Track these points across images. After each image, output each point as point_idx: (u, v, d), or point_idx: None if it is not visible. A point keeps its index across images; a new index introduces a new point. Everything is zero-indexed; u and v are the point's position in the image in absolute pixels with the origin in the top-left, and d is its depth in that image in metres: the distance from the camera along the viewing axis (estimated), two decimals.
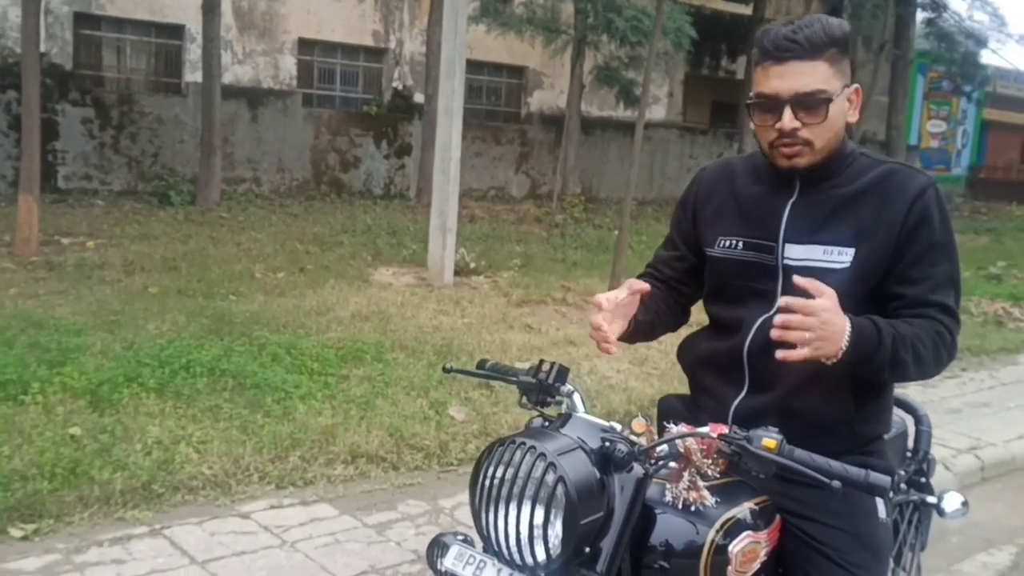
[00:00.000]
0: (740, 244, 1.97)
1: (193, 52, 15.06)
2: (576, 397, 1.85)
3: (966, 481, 4.89)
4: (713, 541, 1.64)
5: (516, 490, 1.54)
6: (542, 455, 1.53)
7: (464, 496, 4.04)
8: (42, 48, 12.45)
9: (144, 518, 3.60)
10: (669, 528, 1.66)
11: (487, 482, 1.58)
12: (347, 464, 4.25)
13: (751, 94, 1.88)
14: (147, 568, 3.24)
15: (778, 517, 1.81)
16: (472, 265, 9.51)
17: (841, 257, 1.86)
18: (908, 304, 1.85)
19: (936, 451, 5.00)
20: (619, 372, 6.04)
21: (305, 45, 16.78)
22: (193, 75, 14.99)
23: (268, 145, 16.17)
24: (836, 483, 1.49)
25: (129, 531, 3.49)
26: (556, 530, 1.52)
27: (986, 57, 25.13)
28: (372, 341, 6.09)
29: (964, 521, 2.43)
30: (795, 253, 1.90)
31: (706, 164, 2.19)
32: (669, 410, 2.12)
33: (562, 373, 1.85)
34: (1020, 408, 6.14)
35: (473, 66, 15.30)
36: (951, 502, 2.34)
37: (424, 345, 6.16)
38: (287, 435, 4.36)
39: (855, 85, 1.91)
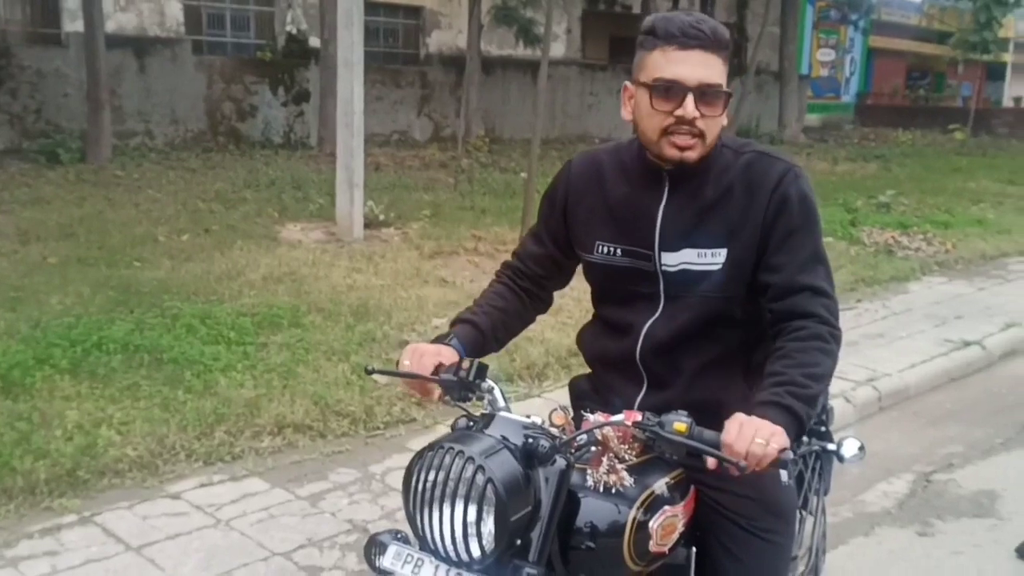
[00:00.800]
0: (618, 251, 2.00)
1: (72, 0, 14.32)
2: (496, 392, 1.91)
3: (865, 412, 5.22)
4: (635, 519, 1.74)
5: (448, 491, 1.61)
6: (470, 459, 1.60)
7: (393, 461, 4.14)
8: None
9: (72, 506, 3.57)
10: (592, 511, 1.76)
11: (419, 486, 1.64)
12: (274, 435, 4.26)
13: (647, 78, 1.84)
14: (81, 558, 3.24)
15: (692, 488, 1.93)
16: (381, 217, 9.46)
17: (715, 259, 1.91)
18: (777, 293, 1.88)
19: (836, 384, 5.29)
20: (537, 323, 6.12)
21: None
22: (73, 24, 14.28)
23: (159, 96, 15.60)
24: (743, 463, 1.59)
25: (58, 521, 3.47)
26: (488, 527, 1.60)
27: None
28: (287, 305, 6.06)
29: (863, 466, 2.62)
30: (671, 260, 1.94)
31: (571, 158, 2.15)
32: (581, 394, 2.19)
33: (481, 370, 1.91)
34: (911, 337, 6.52)
35: (369, 7, 14.91)
36: (849, 448, 2.50)
37: (340, 306, 6.16)
38: (210, 410, 4.35)
39: (728, 90, 1.94)
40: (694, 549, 1.97)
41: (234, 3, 16.93)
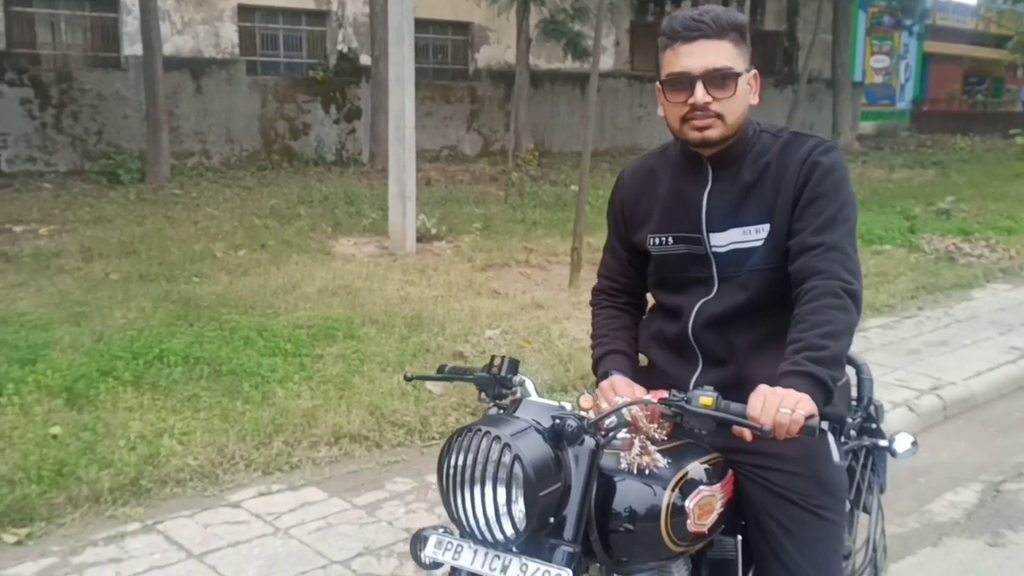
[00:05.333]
0: (670, 239, 2.09)
1: (130, 24, 14.71)
2: (528, 385, 1.98)
3: (929, 421, 5.09)
4: (670, 499, 1.77)
5: (478, 473, 1.65)
6: (497, 438, 1.63)
7: None
8: None
9: (136, 514, 3.63)
10: (628, 493, 1.78)
11: (451, 469, 1.69)
12: (331, 446, 4.30)
13: (663, 75, 1.99)
14: (145, 565, 3.29)
15: (730, 472, 1.95)
16: (433, 231, 9.52)
17: (759, 235, 2.00)
18: (794, 254, 1.95)
19: (899, 393, 5.22)
20: (588, 333, 6.11)
21: (245, 11, 16.47)
22: (132, 48, 14.65)
23: (215, 116, 15.91)
24: (766, 426, 1.64)
25: (122, 528, 3.53)
26: (519, 506, 1.63)
27: None
28: (342, 317, 6.12)
29: (914, 459, 2.57)
30: (719, 240, 2.02)
31: (624, 168, 2.28)
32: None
33: (513, 365, 1.98)
34: (976, 344, 6.35)
35: (418, 24, 15.05)
36: (901, 443, 2.48)
37: (394, 318, 6.19)
38: (269, 420, 4.40)
39: (754, 71, 2.02)
40: (740, 538, 1.99)
41: (287, 24, 17.23)
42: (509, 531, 1.65)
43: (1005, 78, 35.95)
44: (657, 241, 2.11)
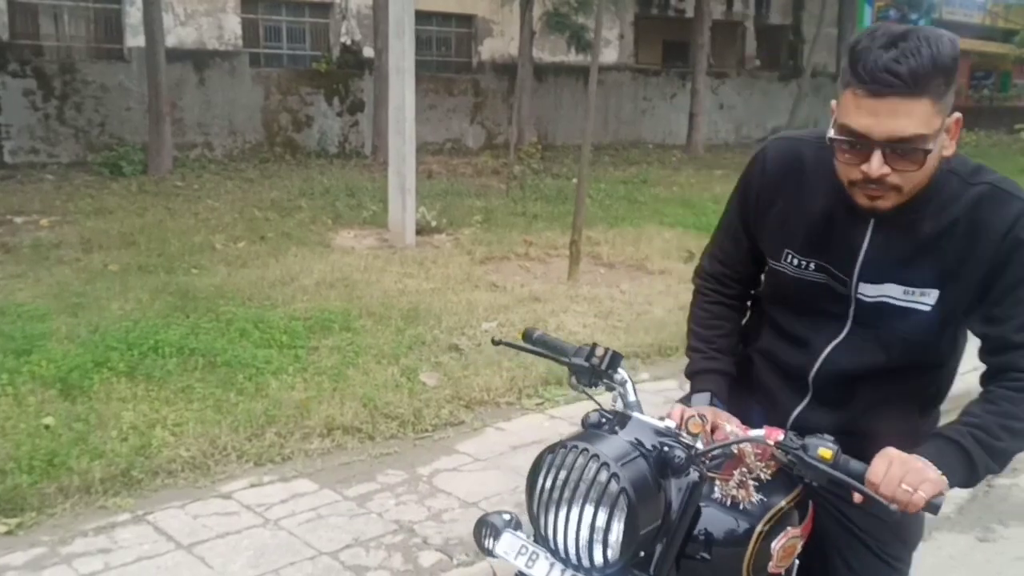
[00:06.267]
0: (811, 265, 1.80)
1: (133, 16, 14.70)
2: (628, 386, 1.83)
3: None
4: (759, 538, 1.68)
5: (578, 493, 1.55)
6: (605, 464, 1.53)
7: (441, 463, 4.15)
8: None
9: (126, 505, 3.64)
10: (714, 522, 1.68)
11: (547, 484, 1.58)
12: (323, 437, 4.30)
13: (838, 120, 1.60)
14: (134, 555, 3.29)
15: (811, 507, 1.84)
16: (433, 223, 9.51)
17: (923, 299, 1.70)
18: (993, 347, 1.69)
19: None
20: (585, 327, 6.14)
21: (248, 3, 16.45)
22: (135, 39, 14.64)
23: (218, 108, 15.91)
24: (894, 506, 1.49)
25: (112, 519, 3.54)
26: (616, 535, 1.53)
27: None
28: (339, 309, 6.12)
29: None
30: (871, 291, 1.75)
31: (766, 144, 1.90)
32: (734, 380, 2.03)
33: (615, 359, 1.83)
34: (971, 340, 6.32)
35: (421, 16, 15.05)
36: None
37: (391, 310, 6.20)
38: (262, 412, 4.40)
39: (956, 115, 1.62)
40: (797, 562, 1.88)
41: (290, 16, 17.22)
42: (599, 559, 1.54)
43: (1012, 72, 35.79)
44: (796, 263, 1.81)
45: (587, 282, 7.50)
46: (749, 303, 2.07)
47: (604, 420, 1.70)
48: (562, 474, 1.56)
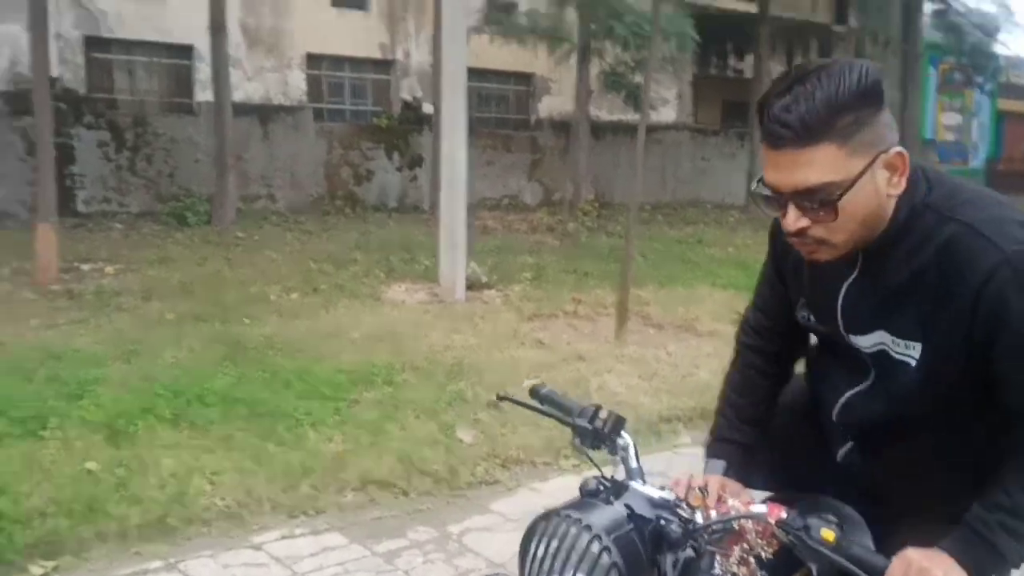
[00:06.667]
0: (812, 318, 1.76)
1: (203, 71, 15.27)
2: (631, 451, 1.79)
3: None
4: None
5: (569, 564, 1.52)
6: (597, 536, 1.50)
7: (473, 522, 4.13)
8: (55, 73, 12.75)
9: (159, 552, 3.70)
10: None
11: (538, 553, 1.56)
12: (357, 491, 4.33)
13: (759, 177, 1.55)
14: None
15: None
16: (484, 279, 9.58)
17: (909, 351, 1.58)
18: (1008, 417, 1.54)
19: None
20: (628, 388, 6.09)
21: (313, 60, 16.96)
22: (204, 94, 15.19)
23: (281, 161, 16.36)
24: None
25: (145, 566, 3.59)
26: None
27: (996, 47, 24.94)
28: (383, 363, 6.18)
29: None
30: (864, 341, 1.65)
31: None
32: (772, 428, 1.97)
33: (619, 424, 1.80)
34: None
35: (480, 74, 15.41)
36: None
37: (435, 365, 6.24)
38: (298, 463, 4.45)
39: (896, 150, 1.46)
40: None
41: (353, 72, 17.69)
42: None
43: None
44: (804, 316, 1.77)
45: (634, 342, 7.46)
46: (787, 364, 1.97)
47: (601, 488, 1.66)
48: (553, 543, 1.53)
